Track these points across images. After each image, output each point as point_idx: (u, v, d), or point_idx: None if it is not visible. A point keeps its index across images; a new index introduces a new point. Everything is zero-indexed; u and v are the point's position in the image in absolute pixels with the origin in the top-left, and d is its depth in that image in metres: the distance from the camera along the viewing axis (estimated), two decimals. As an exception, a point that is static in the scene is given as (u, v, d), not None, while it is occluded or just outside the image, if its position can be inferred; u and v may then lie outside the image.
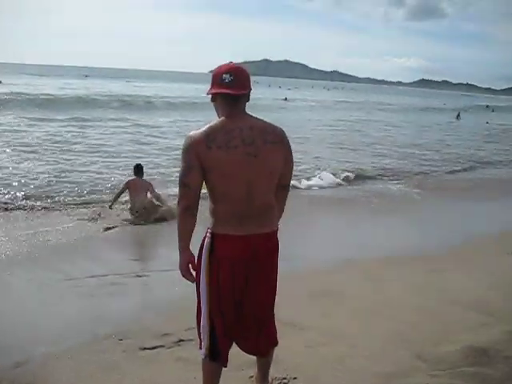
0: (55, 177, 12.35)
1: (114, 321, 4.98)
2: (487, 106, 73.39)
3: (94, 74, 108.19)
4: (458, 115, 47.49)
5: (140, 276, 6.39)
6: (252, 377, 3.81)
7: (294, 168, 3.28)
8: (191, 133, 2.91)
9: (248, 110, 3.04)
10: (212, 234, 2.99)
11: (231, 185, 2.89)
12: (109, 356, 4.25)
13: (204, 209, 2.97)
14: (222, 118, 2.96)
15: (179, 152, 2.99)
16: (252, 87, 3.07)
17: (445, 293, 5.84)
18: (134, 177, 9.95)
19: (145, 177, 10.09)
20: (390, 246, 7.96)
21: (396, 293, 5.87)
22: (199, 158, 2.83)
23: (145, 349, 4.37)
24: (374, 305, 5.48)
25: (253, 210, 2.94)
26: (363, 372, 4.00)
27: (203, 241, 3.06)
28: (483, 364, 4.10)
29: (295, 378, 3.87)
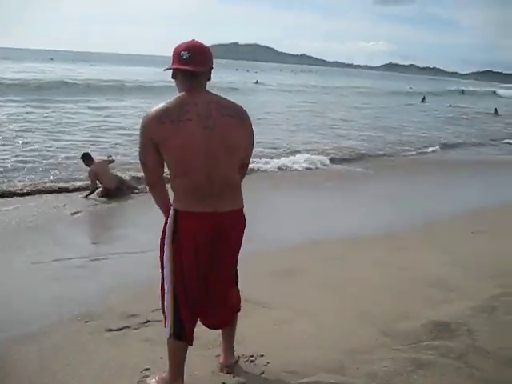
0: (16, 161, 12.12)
1: (79, 303, 4.93)
2: (462, 92, 72.69)
3: (60, 57, 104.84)
4: (424, 99, 47.94)
5: (106, 258, 6.35)
6: (218, 355, 3.83)
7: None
8: (147, 111, 2.93)
9: (220, 93, 3.05)
10: (175, 210, 2.98)
11: (187, 158, 2.86)
12: (75, 338, 4.22)
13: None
14: (180, 93, 2.96)
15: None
16: (213, 66, 3.07)
17: (407, 270, 5.96)
18: (92, 162, 9.86)
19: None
20: (353, 226, 8.07)
21: (359, 271, 5.97)
22: (152, 135, 2.85)
23: (111, 330, 4.35)
24: (338, 283, 5.56)
25: (215, 186, 2.91)
26: (329, 349, 4.06)
27: (166, 217, 3.06)
28: (446, 337, 4.20)
29: (262, 356, 3.90)
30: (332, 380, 3.54)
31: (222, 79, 47.44)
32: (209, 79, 3.05)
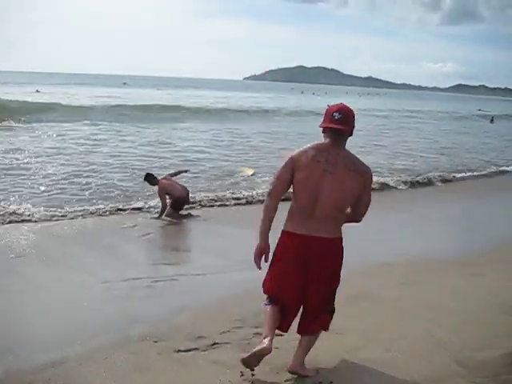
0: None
1: (148, 323, 4.98)
2: None
3: (131, 82, 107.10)
4: (492, 119, 46.57)
5: (174, 279, 6.40)
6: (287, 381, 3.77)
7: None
8: (294, 152, 3.77)
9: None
10: (282, 230, 3.87)
11: (303, 189, 3.67)
12: (143, 357, 4.25)
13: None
14: (325, 141, 3.73)
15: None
16: (354, 123, 3.73)
17: (484, 297, 5.70)
18: (156, 182, 9.99)
19: None
20: (425, 249, 7.84)
21: (434, 297, 5.76)
22: (294, 162, 3.69)
23: (179, 351, 4.35)
24: (412, 308, 5.38)
25: (314, 216, 3.67)
26: (402, 378, 3.91)
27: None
28: (527, 370, 3.97)
29: (331, 383, 3.79)
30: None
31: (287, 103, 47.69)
32: (350, 135, 3.75)
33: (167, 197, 9.74)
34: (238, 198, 11.30)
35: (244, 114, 35.34)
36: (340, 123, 3.62)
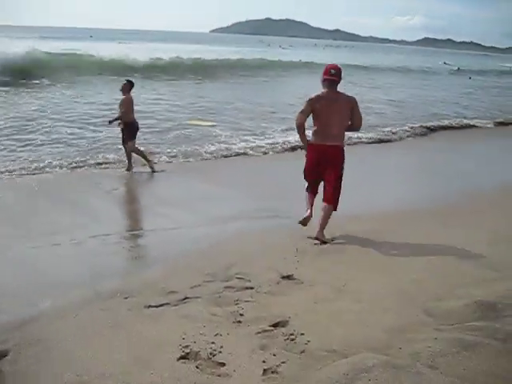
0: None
1: (118, 279, 4.98)
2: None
3: (96, 34, 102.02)
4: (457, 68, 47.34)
5: (143, 235, 6.37)
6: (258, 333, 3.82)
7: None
8: (311, 95, 6.04)
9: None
10: (308, 143, 6.21)
11: (319, 117, 6.01)
12: (114, 314, 4.23)
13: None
14: (324, 90, 6.03)
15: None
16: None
17: (451, 249, 5.82)
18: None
19: None
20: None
21: (404, 248, 5.88)
22: (311, 104, 5.97)
23: (150, 306, 4.35)
24: (380, 260, 5.49)
25: (327, 132, 6.01)
26: (371, 327, 3.97)
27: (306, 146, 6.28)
28: (491, 318, 4.06)
29: (302, 334, 3.84)
30: (375, 360, 3.45)
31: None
32: (339, 82, 6.02)
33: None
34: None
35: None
36: (335, 76, 5.97)
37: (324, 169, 6.07)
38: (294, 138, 11.79)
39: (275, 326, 3.98)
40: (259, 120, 15.82)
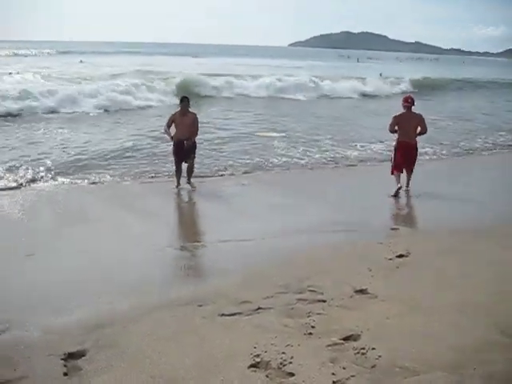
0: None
1: (193, 288, 5.09)
2: None
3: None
4: None
5: (218, 245, 6.48)
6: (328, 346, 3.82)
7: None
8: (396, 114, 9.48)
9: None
10: (397, 141, 9.53)
11: (402, 126, 9.34)
12: (188, 321, 4.36)
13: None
14: (403, 111, 9.44)
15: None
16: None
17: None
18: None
19: None
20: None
21: (477, 266, 5.69)
22: (396, 119, 9.42)
23: (223, 315, 4.44)
24: (455, 279, 5.34)
25: (409, 135, 9.37)
26: (444, 346, 3.90)
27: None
28: None
29: (374, 349, 3.82)
30: (447, 380, 3.40)
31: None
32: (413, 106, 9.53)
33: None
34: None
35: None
36: (411, 103, 9.35)
37: (407, 159, 9.35)
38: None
39: (346, 339, 3.98)
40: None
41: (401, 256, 5.92)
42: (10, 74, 27.66)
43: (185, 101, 9.74)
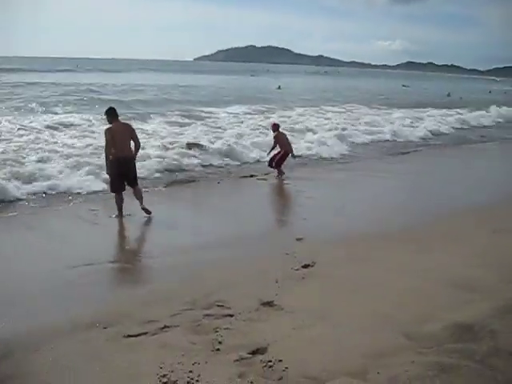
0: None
1: (97, 309, 4.92)
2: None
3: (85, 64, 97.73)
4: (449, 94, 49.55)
5: (123, 265, 6.32)
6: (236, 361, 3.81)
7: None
8: None
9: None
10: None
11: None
12: (91, 345, 4.20)
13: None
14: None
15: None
16: None
17: (429, 272, 5.86)
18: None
19: None
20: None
21: (381, 273, 5.89)
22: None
23: (129, 336, 4.32)
24: (359, 285, 5.50)
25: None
26: (350, 353, 4.00)
27: None
28: (469, 340, 4.12)
29: (280, 361, 3.84)
30: (352, 385, 3.48)
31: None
32: None
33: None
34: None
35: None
36: None
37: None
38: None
39: (254, 353, 3.99)
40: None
41: (306, 266, 6.01)
42: None
43: (112, 112, 8.61)
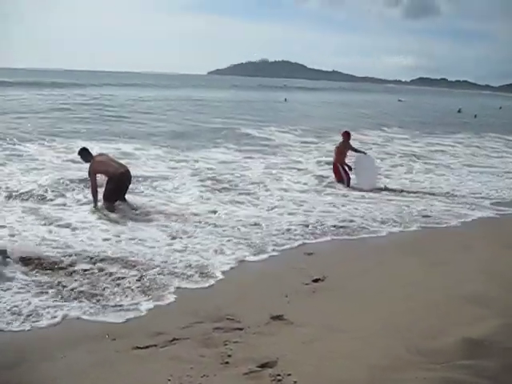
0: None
1: (107, 321, 4.92)
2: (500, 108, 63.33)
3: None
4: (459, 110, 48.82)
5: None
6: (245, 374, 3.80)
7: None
8: None
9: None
10: None
11: None
12: (102, 355, 4.21)
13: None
14: None
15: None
16: None
17: (442, 286, 5.82)
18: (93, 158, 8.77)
19: None
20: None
21: (392, 286, 5.87)
22: None
23: (138, 348, 4.32)
24: (369, 298, 5.49)
25: None
26: (359, 367, 3.97)
27: None
28: (479, 356, 4.08)
29: (289, 375, 3.83)
30: (361, 400, 3.46)
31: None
32: None
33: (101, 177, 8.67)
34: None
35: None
36: None
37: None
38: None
39: (263, 366, 3.98)
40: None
41: (317, 280, 6.00)
42: None
43: (85, 152, 8.83)
